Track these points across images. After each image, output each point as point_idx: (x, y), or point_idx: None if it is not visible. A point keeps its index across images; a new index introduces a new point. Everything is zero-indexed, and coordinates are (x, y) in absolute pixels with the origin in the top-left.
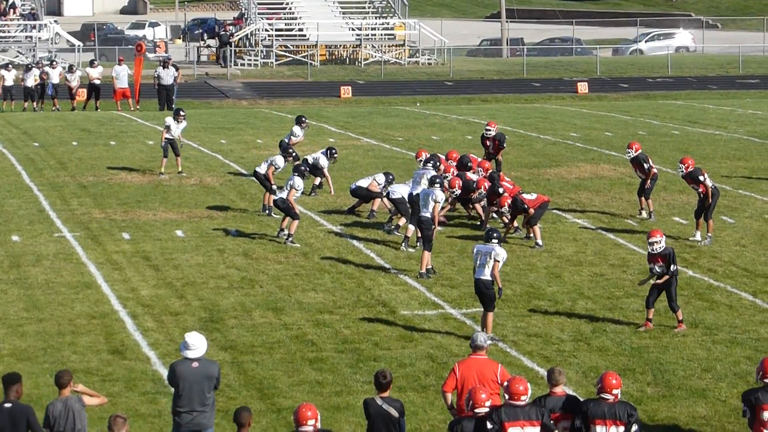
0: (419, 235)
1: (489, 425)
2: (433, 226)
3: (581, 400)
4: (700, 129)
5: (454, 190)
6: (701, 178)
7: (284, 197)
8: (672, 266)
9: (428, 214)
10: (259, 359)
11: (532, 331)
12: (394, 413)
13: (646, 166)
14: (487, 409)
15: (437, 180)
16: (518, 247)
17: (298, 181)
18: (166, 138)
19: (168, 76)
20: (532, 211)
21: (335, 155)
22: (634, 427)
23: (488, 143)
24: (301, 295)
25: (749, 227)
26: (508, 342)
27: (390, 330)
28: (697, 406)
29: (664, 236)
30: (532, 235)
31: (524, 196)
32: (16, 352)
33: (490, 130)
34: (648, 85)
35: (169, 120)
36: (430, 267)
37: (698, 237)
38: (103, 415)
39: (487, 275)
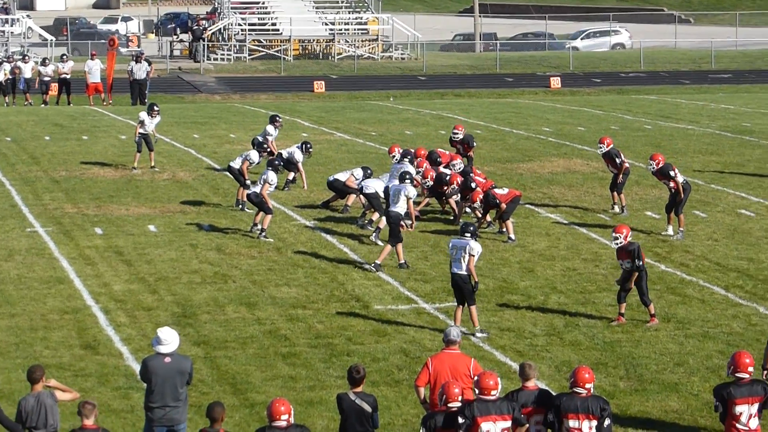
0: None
1: (461, 419)
2: (406, 221)
3: (554, 394)
4: (673, 124)
5: (426, 181)
6: (672, 173)
7: (258, 191)
8: (637, 261)
9: (396, 209)
10: (232, 354)
11: (504, 325)
12: (368, 408)
13: (618, 160)
14: (459, 404)
15: (407, 176)
16: (491, 242)
17: (272, 176)
18: (140, 133)
19: (141, 70)
20: (503, 206)
21: (310, 150)
22: (607, 421)
23: (458, 146)
24: (274, 290)
25: (721, 222)
26: (481, 336)
27: (363, 325)
28: (669, 400)
29: (628, 231)
30: (504, 229)
31: (496, 191)
32: None
33: (457, 133)
34: (621, 80)
35: (143, 115)
36: (403, 261)
37: (670, 232)
38: (75, 410)
39: (463, 270)
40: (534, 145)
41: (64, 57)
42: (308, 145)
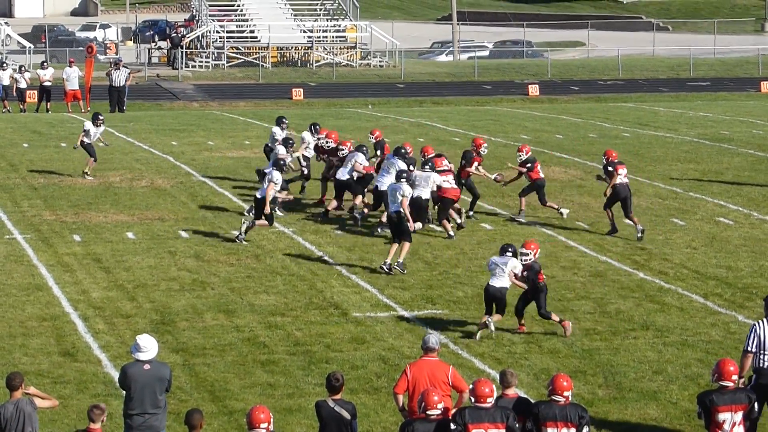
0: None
1: (453, 426)
2: (408, 221)
3: (532, 401)
4: (651, 131)
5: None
6: (530, 165)
7: (262, 194)
8: (535, 281)
9: (399, 208)
10: (210, 361)
11: (483, 333)
12: (347, 415)
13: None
14: (439, 411)
15: (403, 174)
16: (469, 249)
17: (277, 175)
18: (82, 141)
19: (120, 77)
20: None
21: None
22: (585, 429)
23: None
24: (252, 297)
25: (700, 229)
26: (460, 344)
27: (342, 332)
28: (648, 408)
29: (537, 249)
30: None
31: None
32: None
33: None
34: (599, 88)
35: (88, 124)
36: (401, 261)
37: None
38: (54, 417)
39: (503, 283)
40: (512, 153)
41: (44, 64)
42: (317, 126)
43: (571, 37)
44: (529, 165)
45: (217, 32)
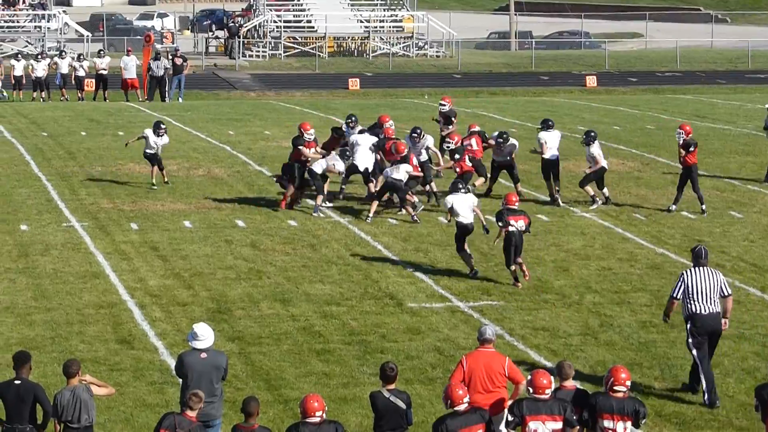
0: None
1: (510, 418)
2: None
3: (590, 393)
4: (709, 123)
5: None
6: (692, 148)
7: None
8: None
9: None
10: (266, 350)
11: (539, 324)
12: (402, 405)
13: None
14: (465, 405)
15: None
16: (526, 241)
17: (340, 165)
18: (145, 151)
19: (159, 68)
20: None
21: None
22: (643, 421)
23: (440, 118)
24: (308, 287)
25: (758, 222)
26: (516, 335)
27: (397, 322)
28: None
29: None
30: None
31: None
32: (24, 341)
33: (444, 105)
34: (657, 79)
35: (148, 132)
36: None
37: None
38: (111, 405)
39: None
40: (569, 144)
41: (101, 53)
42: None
43: (629, 29)
44: (457, 156)
45: (274, 22)
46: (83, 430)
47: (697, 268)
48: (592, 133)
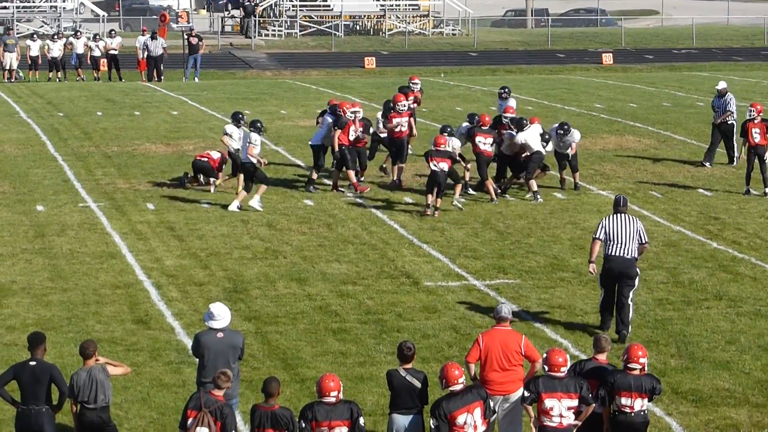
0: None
1: (526, 394)
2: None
3: (609, 369)
4: None
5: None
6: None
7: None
8: None
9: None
10: (282, 330)
11: (555, 302)
12: (418, 384)
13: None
14: (461, 386)
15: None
16: (542, 218)
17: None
18: (230, 151)
19: (157, 47)
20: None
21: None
22: (655, 396)
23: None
24: (324, 266)
25: None
26: (532, 314)
27: (413, 301)
28: (720, 378)
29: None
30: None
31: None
32: (40, 322)
33: (417, 83)
34: (673, 57)
35: (231, 128)
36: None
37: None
38: (127, 385)
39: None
40: (586, 122)
41: (113, 33)
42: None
43: (645, 5)
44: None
45: (290, 0)
46: (100, 411)
47: (616, 215)
48: (566, 125)
